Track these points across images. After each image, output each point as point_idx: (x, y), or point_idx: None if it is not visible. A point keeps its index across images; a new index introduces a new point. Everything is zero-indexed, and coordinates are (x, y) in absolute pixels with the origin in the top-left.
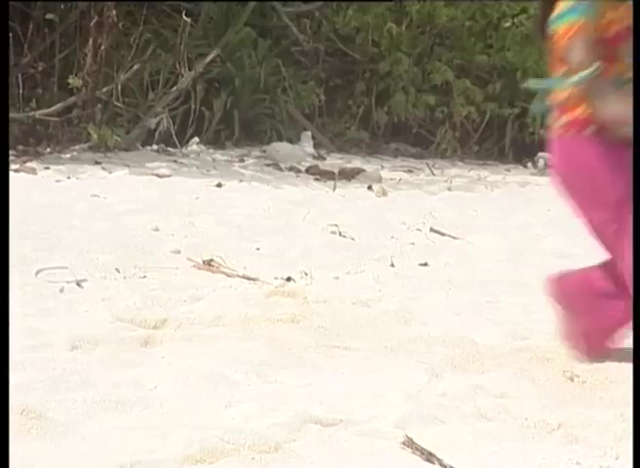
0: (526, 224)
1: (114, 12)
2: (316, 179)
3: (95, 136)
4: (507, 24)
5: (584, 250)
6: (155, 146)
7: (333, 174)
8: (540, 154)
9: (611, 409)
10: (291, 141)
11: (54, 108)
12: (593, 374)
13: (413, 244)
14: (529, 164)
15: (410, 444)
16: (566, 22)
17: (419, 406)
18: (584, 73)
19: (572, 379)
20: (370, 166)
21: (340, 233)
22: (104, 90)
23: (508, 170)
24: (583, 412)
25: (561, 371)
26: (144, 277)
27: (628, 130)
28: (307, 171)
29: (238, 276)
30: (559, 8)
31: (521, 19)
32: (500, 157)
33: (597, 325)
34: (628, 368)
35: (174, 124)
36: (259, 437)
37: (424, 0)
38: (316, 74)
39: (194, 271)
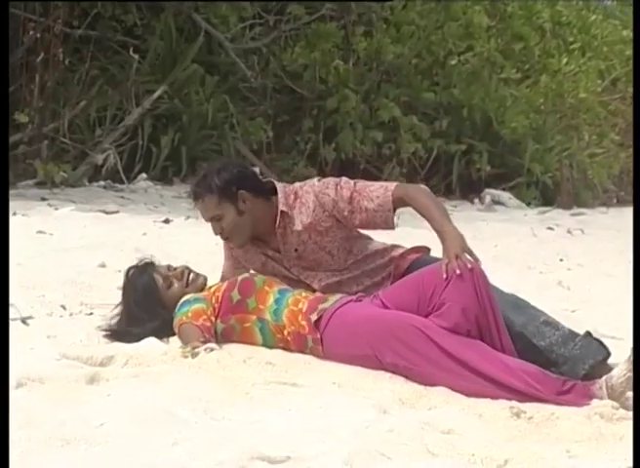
0: None
1: (60, 49)
2: None
3: (41, 172)
4: (453, 62)
5: (533, 285)
6: (102, 182)
7: None
8: (487, 190)
9: (557, 445)
10: None
11: None
12: (540, 411)
13: None
14: (475, 200)
15: None
16: (180, 314)
17: (366, 442)
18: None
19: (518, 415)
20: None
21: None
22: (51, 126)
23: (455, 206)
24: (530, 448)
25: (508, 407)
26: (91, 314)
27: None
28: None
29: None
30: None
31: (467, 57)
32: (446, 193)
33: None
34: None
35: (121, 160)
36: None
37: (371, 37)
38: (264, 110)
39: None
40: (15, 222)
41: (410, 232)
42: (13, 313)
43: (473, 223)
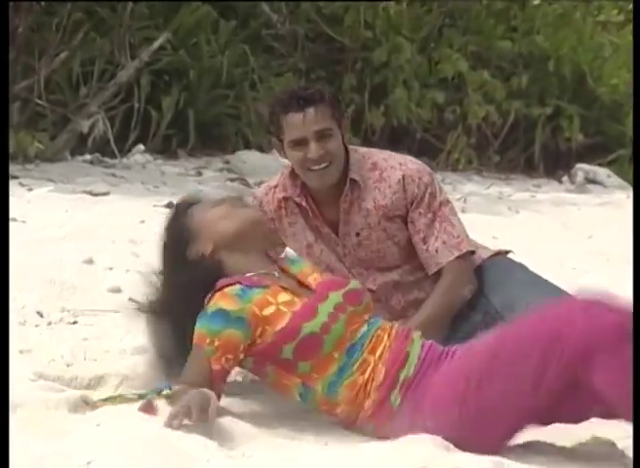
0: (561, 255)
1: None
2: None
3: (11, 142)
4: (536, 1)
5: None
6: (88, 156)
7: None
8: (579, 166)
9: None
10: (261, 150)
11: None
12: None
13: None
14: (564, 178)
15: None
16: (205, 330)
17: None
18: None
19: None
20: None
21: None
22: (23, 84)
23: (538, 185)
24: None
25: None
26: (75, 323)
27: None
28: None
29: None
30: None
31: None
32: (527, 169)
33: None
34: None
35: (112, 127)
36: None
37: None
38: (294, 64)
39: (138, 315)
40: None
41: (475, 219)
42: None
43: (561, 208)
